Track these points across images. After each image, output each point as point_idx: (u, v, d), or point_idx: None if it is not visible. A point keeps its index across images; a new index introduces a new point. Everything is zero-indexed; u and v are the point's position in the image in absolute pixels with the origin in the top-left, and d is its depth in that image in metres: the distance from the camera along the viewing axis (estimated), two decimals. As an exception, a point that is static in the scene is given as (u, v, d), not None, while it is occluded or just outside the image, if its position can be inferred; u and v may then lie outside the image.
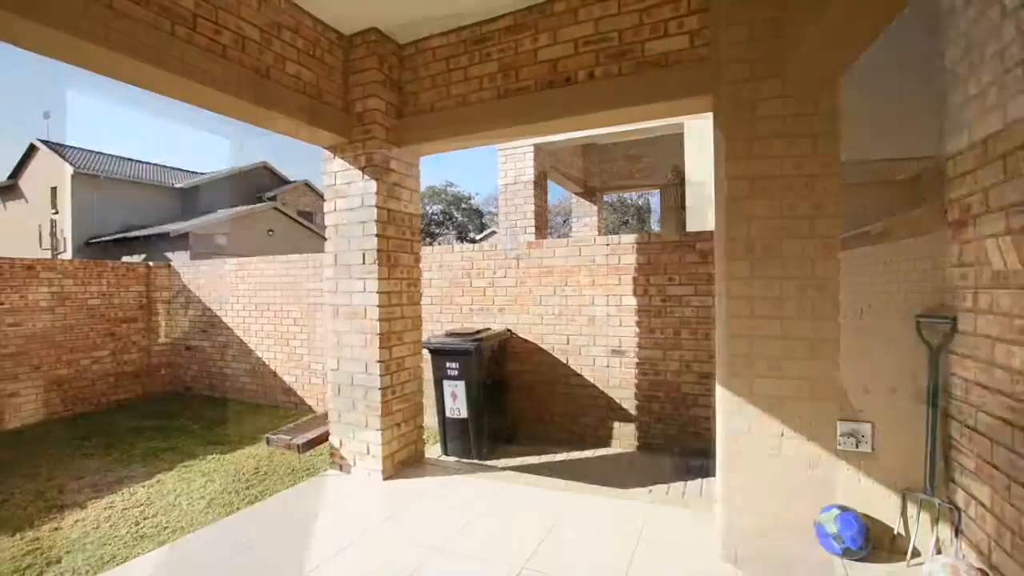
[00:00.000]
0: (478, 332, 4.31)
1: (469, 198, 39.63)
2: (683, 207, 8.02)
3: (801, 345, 2.65)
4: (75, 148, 19.43)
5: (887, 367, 2.49)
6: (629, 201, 33.82)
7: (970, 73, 2.09)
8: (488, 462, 4.13)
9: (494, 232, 30.88)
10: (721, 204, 2.81)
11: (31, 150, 19.11)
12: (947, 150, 2.33)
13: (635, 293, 4.27)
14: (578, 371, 4.53)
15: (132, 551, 2.99)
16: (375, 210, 3.58)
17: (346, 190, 3.70)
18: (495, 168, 6.62)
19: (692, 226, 5.26)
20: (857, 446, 2.54)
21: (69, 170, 17.47)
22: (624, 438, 4.38)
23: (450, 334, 4.31)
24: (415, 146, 3.78)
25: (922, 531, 2.41)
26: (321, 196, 24.17)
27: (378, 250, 3.59)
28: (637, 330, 4.27)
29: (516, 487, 3.46)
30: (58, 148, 18.52)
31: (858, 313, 2.54)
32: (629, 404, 4.34)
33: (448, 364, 4.17)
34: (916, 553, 2.40)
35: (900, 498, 2.47)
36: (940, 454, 2.36)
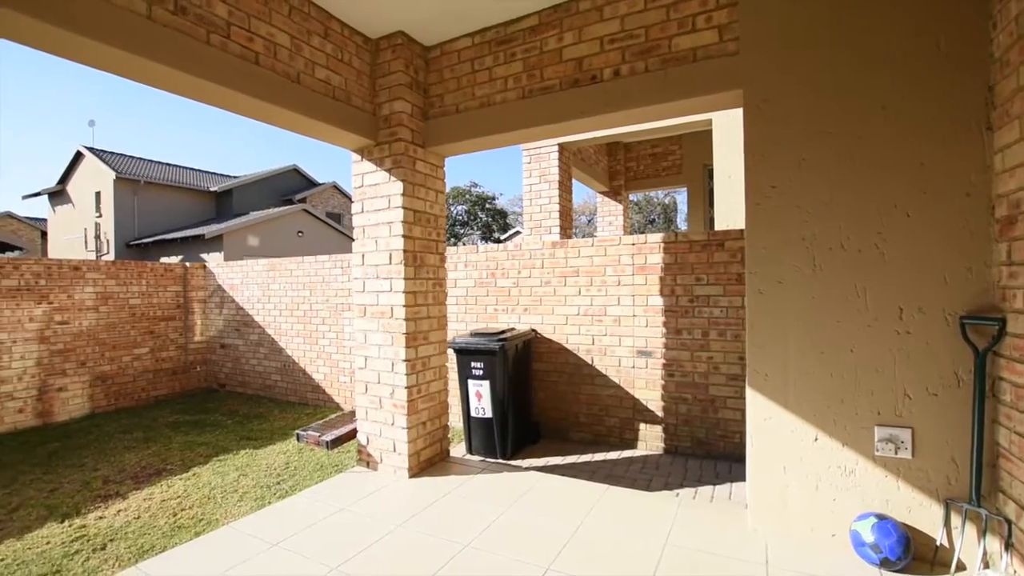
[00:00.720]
0: (503, 332, 4.32)
1: (493, 198, 39.79)
2: (711, 205, 7.87)
3: (835, 347, 2.57)
4: (117, 154, 20.31)
5: (929, 370, 2.39)
6: (655, 199, 33.37)
7: (1022, 61, 1.99)
8: (513, 462, 4.13)
9: (518, 232, 30.90)
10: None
11: (77, 156, 20.05)
12: (994, 144, 2.22)
13: (662, 293, 4.21)
14: (603, 372, 4.49)
15: (170, 541, 3.10)
16: (401, 211, 3.62)
17: (373, 191, 3.76)
18: (519, 168, 6.63)
19: (721, 224, 5.15)
20: (896, 452, 2.44)
21: (111, 175, 18.27)
22: (650, 440, 4.32)
23: (475, 334, 4.33)
24: (440, 147, 3.81)
25: (967, 543, 2.30)
26: (349, 198, 24.72)
27: (404, 250, 3.64)
28: (664, 331, 4.21)
29: (542, 487, 3.46)
30: (102, 154, 19.39)
31: (896, 313, 2.44)
32: (655, 406, 4.28)
33: (473, 364, 4.19)
34: (961, 567, 2.29)
35: (943, 508, 2.37)
36: (987, 462, 2.25)
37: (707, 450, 4.10)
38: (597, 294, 4.50)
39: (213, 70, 2.65)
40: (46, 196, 21.56)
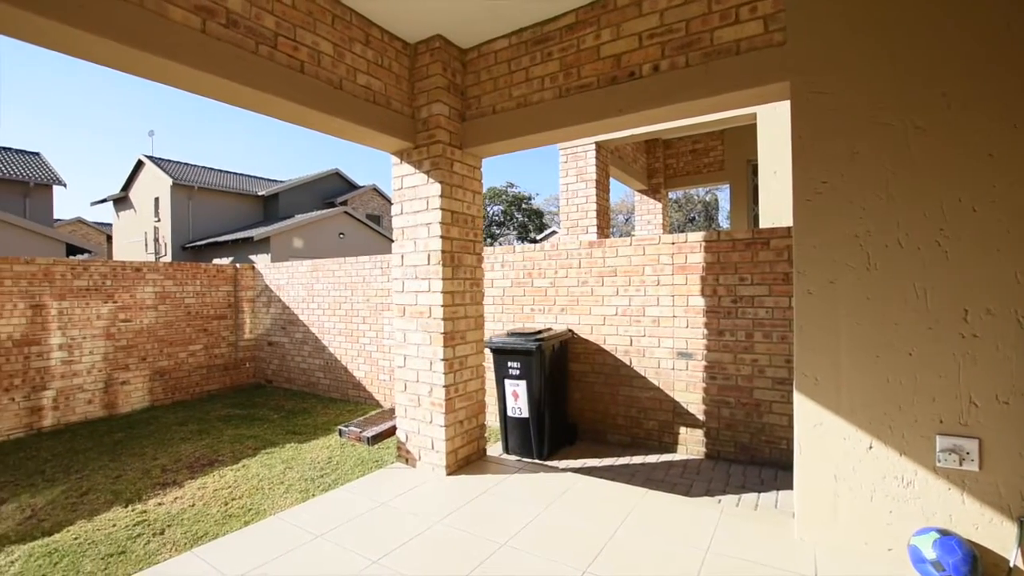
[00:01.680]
0: (539, 332, 4.31)
1: (529, 198, 39.81)
2: (755, 202, 7.60)
3: (892, 350, 2.43)
4: (174, 162, 21.51)
5: (999, 376, 2.22)
6: (696, 197, 32.53)
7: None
8: (549, 463, 4.12)
9: (554, 232, 30.79)
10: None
11: (138, 165, 21.38)
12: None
13: (703, 293, 4.10)
14: (642, 373, 4.41)
15: (222, 528, 3.26)
16: (439, 212, 3.67)
17: (412, 193, 3.83)
18: (556, 167, 6.60)
19: (766, 222, 4.96)
20: (960, 463, 2.29)
21: (169, 182, 19.38)
22: (691, 444, 4.21)
23: (512, 334, 4.34)
24: (477, 148, 3.84)
25: (1043, 564, 2.12)
26: (388, 200, 25.26)
27: (442, 251, 3.68)
28: (705, 332, 4.09)
29: (579, 489, 3.43)
30: (160, 162, 20.58)
31: (960, 315, 2.28)
32: (696, 409, 4.17)
33: (510, 363, 4.20)
34: (1035, 588, 2.12)
35: (1016, 525, 2.20)
36: (1066, 477, 2.07)
37: (751, 456, 3.96)
38: (635, 294, 4.42)
39: (261, 79, 2.76)
40: (111, 202, 23.10)
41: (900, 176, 2.40)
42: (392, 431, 4.39)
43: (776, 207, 4.91)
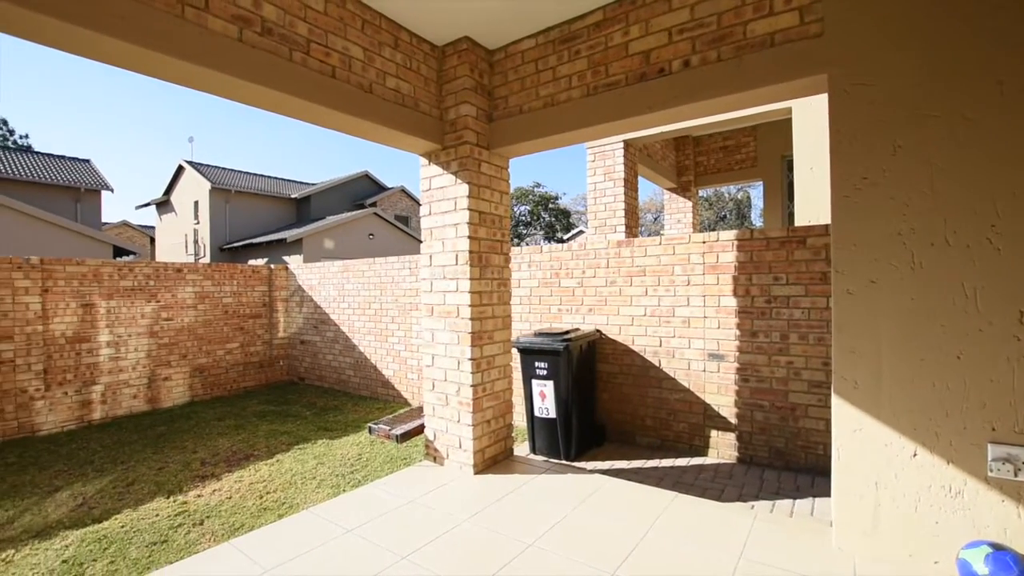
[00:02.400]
0: (567, 332, 4.29)
1: (556, 198, 39.67)
2: (790, 199, 7.38)
3: (939, 353, 2.31)
4: (212, 166, 22.33)
5: (1057, 382, 2.09)
6: (727, 195, 31.80)
7: None
8: (577, 463, 4.09)
9: (581, 232, 30.59)
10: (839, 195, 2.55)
11: (179, 170, 22.28)
12: None
13: (735, 293, 4.00)
14: (671, 375, 4.34)
15: (257, 521, 3.36)
16: (467, 212, 3.70)
17: (440, 194, 3.87)
18: (583, 167, 6.56)
19: (802, 220, 4.81)
20: (1016, 474, 2.16)
21: (207, 186, 20.13)
22: (722, 448, 4.11)
23: (539, 334, 4.33)
24: (505, 148, 3.85)
25: (1108, 582, 1.99)
26: (416, 201, 25.57)
27: (470, 251, 3.71)
28: (738, 333, 3.99)
29: (607, 490, 3.39)
30: (199, 167, 21.39)
31: (1015, 317, 2.16)
32: (728, 412, 4.07)
33: (537, 363, 4.19)
34: (1099, 608, 1.99)
35: (1076, 540, 2.06)
36: None
37: (786, 461, 3.84)
38: (665, 294, 4.35)
39: (295, 85, 2.83)
40: (154, 206, 24.15)
41: (947, 170, 2.29)
42: (420, 429, 4.44)
43: (812, 204, 4.75)
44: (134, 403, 6.49)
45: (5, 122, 36.44)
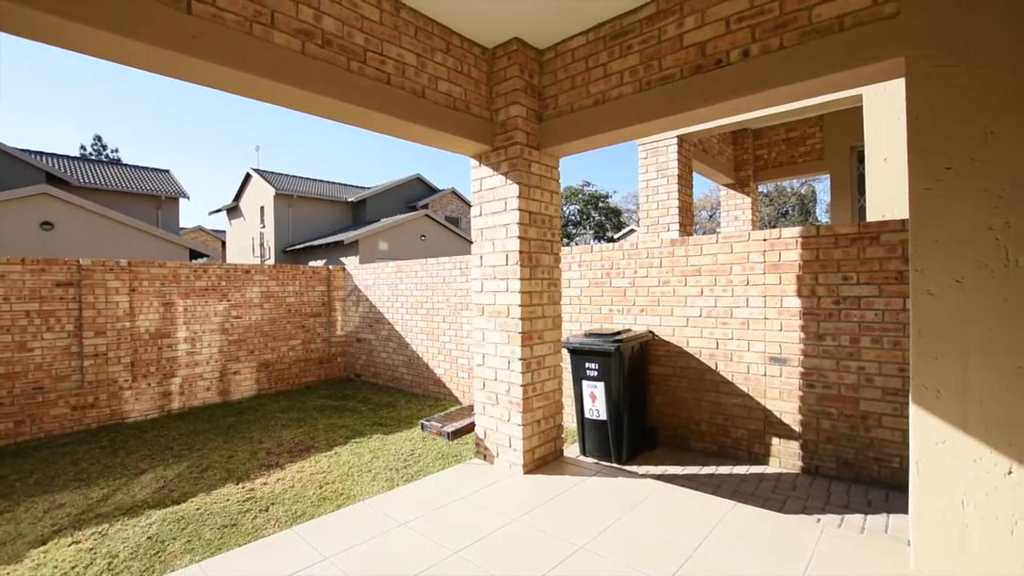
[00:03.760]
0: (618, 333, 4.21)
1: (606, 197, 39.10)
2: (861, 192, 6.90)
3: (1040, 361, 2.09)
4: (276, 173, 23.63)
5: None
6: (789, 190, 30.20)
7: None
8: (628, 467, 4.01)
9: (633, 231, 29.98)
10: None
11: (247, 177, 23.74)
12: None
13: (799, 294, 3.78)
14: (729, 378, 4.16)
15: (317, 510, 3.52)
16: (517, 213, 3.71)
17: (491, 195, 3.90)
18: (634, 165, 6.42)
19: (874, 215, 4.47)
20: None
21: (272, 192, 21.32)
22: (784, 457, 3.90)
23: (589, 334, 4.28)
24: (555, 148, 3.83)
25: None
26: (466, 202, 25.93)
27: (520, 251, 3.72)
28: (802, 335, 3.77)
29: (660, 496, 3.30)
30: (264, 174, 22.70)
31: None
32: (791, 419, 3.86)
33: (587, 364, 4.15)
34: None
35: None
36: None
37: (856, 473, 3.59)
38: (722, 295, 4.18)
39: (352, 93, 2.94)
40: (224, 211, 25.86)
41: (1049, 157, 2.06)
42: (471, 427, 4.50)
43: (886, 198, 4.41)
44: (207, 395, 6.97)
45: (99, 138, 40.28)
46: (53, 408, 5.67)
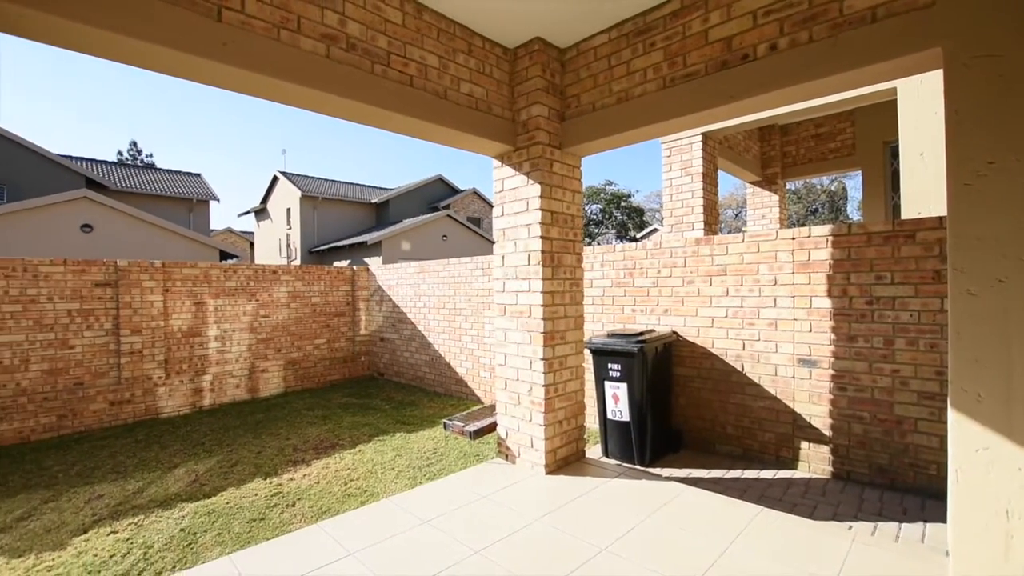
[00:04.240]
0: (641, 334, 4.16)
1: (629, 196, 38.73)
2: (895, 189, 6.68)
3: (1091, 365, 1.98)
4: (302, 176, 24.12)
5: None
6: (819, 187, 29.40)
7: None
8: (651, 469, 3.96)
9: (656, 230, 29.62)
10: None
11: (274, 180, 24.30)
12: None
13: (830, 294, 3.67)
14: (756, 380, 4.07)
15: (342, 506, 3.58)
16: (539, 212, 3.70)
17: (512, 195, 3.91)
18: (655, 163, 6.34)
19: (909, 212, 4.32)
20: None
21: (298, 194, 21.77)
22: (814, 461, 3.80)
23: (612, 335, 4.24)
24: (577, 147, 3.81)
25: None
26: (487, 203, 25.99)
27: (542, 251, 3.71)
28: (833, 337, 3.66)
29: (684, 500, 3.25)
30: (291, 177, 23.19)
31: None
32: (821, 423, 3.75)
33: (610, 365, 4.11)
34: None
35: None
36: None
37: (890, 480, 3.47)
38: (748, 295, 4.09)
39: (375, 95, 2.98)
40: (253, 213, 26.52)
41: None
42: (492, 427, 4.51)
43: (923, 194, 4.25)
44: (236, 392, 7.16)
45: (135, 143, 41.82)
46: (92, 403, 5.91)
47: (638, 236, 32.13)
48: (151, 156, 41.89)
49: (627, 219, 38.35)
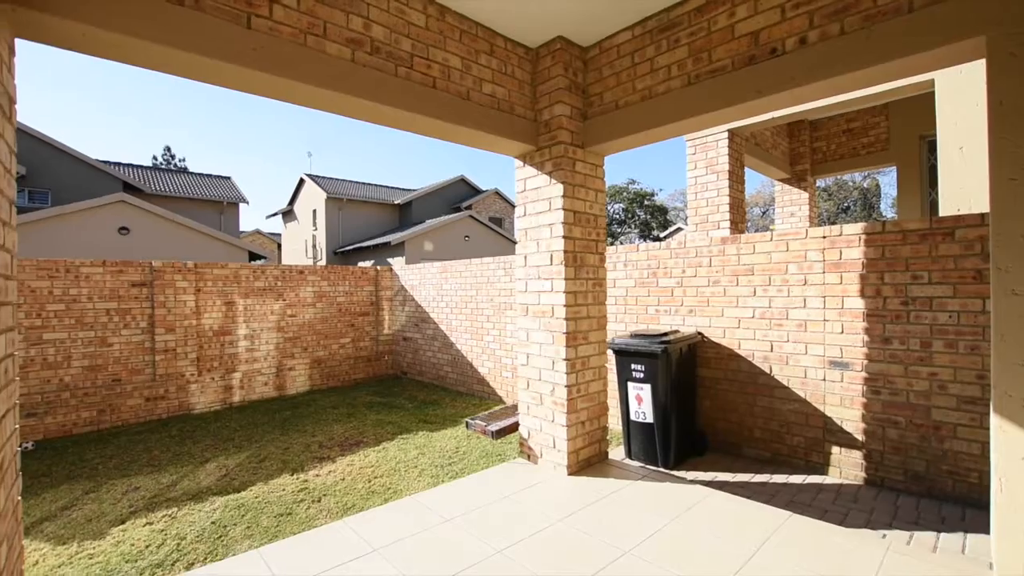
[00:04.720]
0: (665, 334, 4.11)
1: (652, 194, 38.25)
2: (933, 185, 6.43)
3: None
4: (327, 178, 24.58)
5: None
6: (850, 183, 28.52)
7: None
8: (675, 472, 3.90)
9: (680, 229, 29.19)
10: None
11: (300, 183, 24.82)
12: None
13: (863, 294, 3.56)
14: (784, 383, 3.97)
15: (366, 503, 3.63)
16: (561, 212, 3.69)
17: (535, 195, 3.90)
18: (679, 161, 6.26)
19: (948, 209, 4.15)
20: None
21: (323, 196, 22.19)
22: (845, 467, 3.68)
23: (635, 335, 4.19)
24: (599, 146, 3.78)
25: None
26: (509, 203, 26.02)
27: (564, 251, 3.69)
28: (866, 338, 3.55)
29: (710, 504, 3.20)
30: (317, 179, 23.65)
31: None
32: (853, 427, 3.63)
33: (633, 366, 4.07)
34: None
35: None
36: None
37: (927, 487, 3.34)
38: (776, 295, 3.99)
39: (399, 98, 3.02)
40: (280, 215, 27.15)
41: None
42: (515, 427, 4.51)
43: (962, 190, 4.07)
44: (265, 389, 7.34)
45: (168, 148, 43.25)
46: (129, 399, 6.14)
47: (661, 235, 31.71)
48: (184, 160, 43.28)
49: (650, 218, 37.89)
